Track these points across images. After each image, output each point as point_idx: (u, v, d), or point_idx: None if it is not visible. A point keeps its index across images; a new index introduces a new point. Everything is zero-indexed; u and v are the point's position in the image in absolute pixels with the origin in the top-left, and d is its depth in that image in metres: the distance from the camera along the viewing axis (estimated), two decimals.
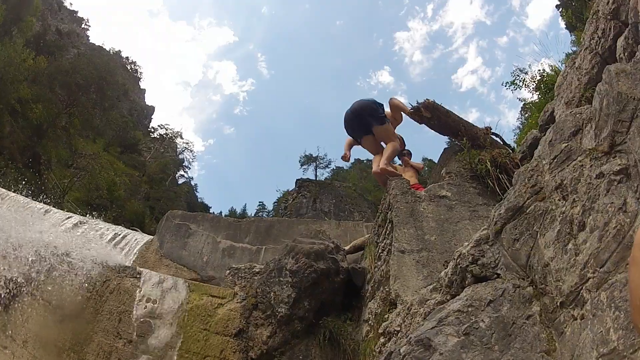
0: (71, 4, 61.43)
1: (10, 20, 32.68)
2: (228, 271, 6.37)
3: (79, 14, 62.59)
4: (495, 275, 2.38)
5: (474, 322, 2.12)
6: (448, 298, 2.69)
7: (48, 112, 30.14)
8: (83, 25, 62.42)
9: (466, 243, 2.87)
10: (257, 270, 6.01)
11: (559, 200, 2.11)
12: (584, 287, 1.75)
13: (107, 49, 58.69)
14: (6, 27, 31.50)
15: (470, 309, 2.23)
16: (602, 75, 2.04)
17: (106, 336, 5.26)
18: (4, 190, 8.26)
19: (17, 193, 8.46)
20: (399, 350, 2.36)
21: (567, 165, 2.13)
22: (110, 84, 40.96)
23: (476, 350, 1.96)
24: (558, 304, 1.89)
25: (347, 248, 6.10)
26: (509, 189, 2.84)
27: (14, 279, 5.44)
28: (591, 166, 1.94)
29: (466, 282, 2.58)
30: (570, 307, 1.82)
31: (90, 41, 59.02)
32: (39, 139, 29.64)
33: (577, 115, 2.20)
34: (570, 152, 2.16)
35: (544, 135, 2.62)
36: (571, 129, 2.20)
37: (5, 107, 26.74)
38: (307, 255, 5.10)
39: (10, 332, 5.22)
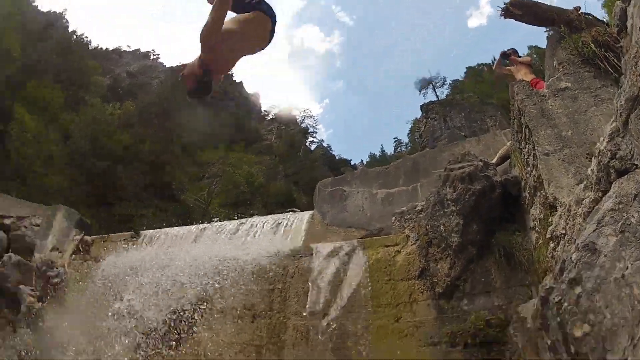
0: (129, 46, 64.14)
1: (78, 87, 34.70)
2: (393, 217, 6.65)
3: (142, 49, 65.41)
4: (634, 167, 2.50)
5: (626, 219, 2.28)
6: (600, 195, 2.83)
7: (156, 145, 31.55)
8: (152, 57, 64.90)
9: (602, 138, 2.96)
10: (419, 208, 6.20)
11: None
12: None
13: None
14: (76, 97, 33.34)
15: (620, 206, 2.38)
16: None
17: (299, 318, 5.62)
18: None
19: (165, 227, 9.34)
20: (571, 257, 2.59)
21: None
22: None
23: (632, 246, 2.13)
24: None
25: (494, 161, 6.14)
26: (619, 67, 2.86)
27: (190, 299, 5.94)
28: None
29: (612, 178, 2.71)
30: None
31: (166, 67, 60.65)
32: (159, 170, 31.16)
33: None
34: None
35: (627, 6, 2.64)
36: None
37: (112, 160, 28.30)
38: (461, 180, 5.19)
39: (201, 353, 5.64)
